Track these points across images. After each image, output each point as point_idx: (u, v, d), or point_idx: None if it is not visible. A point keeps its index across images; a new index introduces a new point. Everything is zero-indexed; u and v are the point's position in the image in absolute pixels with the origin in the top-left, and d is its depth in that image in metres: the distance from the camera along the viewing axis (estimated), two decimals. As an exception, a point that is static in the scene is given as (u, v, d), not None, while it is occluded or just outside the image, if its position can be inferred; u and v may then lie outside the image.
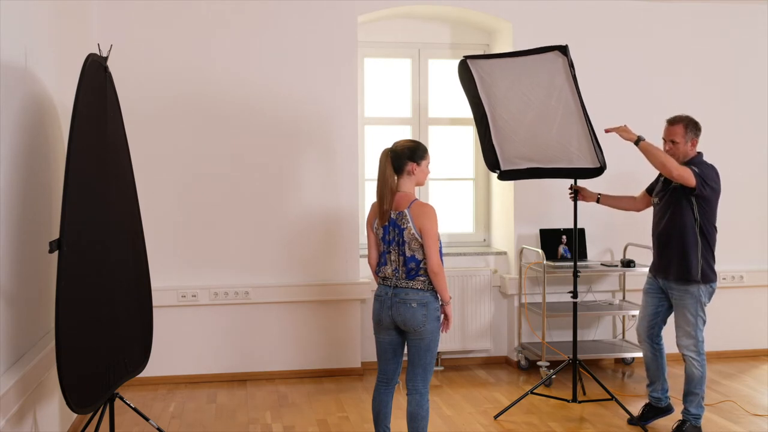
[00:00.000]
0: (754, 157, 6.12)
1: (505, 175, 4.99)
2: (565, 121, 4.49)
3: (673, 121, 4.36)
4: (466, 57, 4.72)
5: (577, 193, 4.78)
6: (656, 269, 4.50)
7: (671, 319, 4.52)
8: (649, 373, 4.63)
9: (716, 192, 4.30)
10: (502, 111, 4.72)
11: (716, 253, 4.37)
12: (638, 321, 4.63)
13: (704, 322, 4.35)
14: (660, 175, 4.54)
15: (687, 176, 4.17)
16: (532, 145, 4.71)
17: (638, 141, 4.24)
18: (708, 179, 4.23)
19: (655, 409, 4.61)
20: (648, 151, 4.22)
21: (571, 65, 4.27)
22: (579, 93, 4.34)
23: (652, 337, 4.55)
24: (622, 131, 4.32)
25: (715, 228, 4.35)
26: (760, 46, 6.11)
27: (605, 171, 4.54)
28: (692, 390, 4.37)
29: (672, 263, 4.35)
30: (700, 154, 4.38)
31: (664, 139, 4.38)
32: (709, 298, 4.36)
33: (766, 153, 6.14)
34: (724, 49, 6.07)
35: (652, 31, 5.95)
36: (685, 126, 4.30)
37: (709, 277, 4.30)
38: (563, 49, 4.28)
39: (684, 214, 4.28)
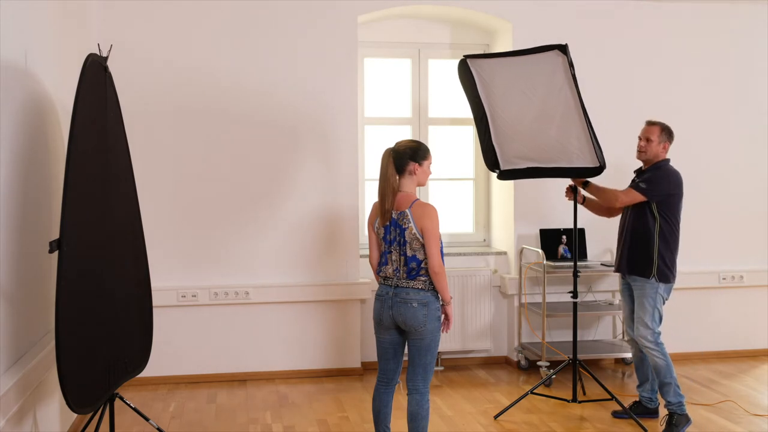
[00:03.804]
0: (754, 157, 6.12)
1: (504, 175, 4.98)
2: (564, 121, 4.49)
3: (651, 123, 4.63)
4: (466, 56, 4.72)
5: (576, 191, 4.79)
6: (618, 265, 4.68)
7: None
8: (638, 373, 4.76)
9: (674, 196, 4.50)
10: (501, 110, 4.72)
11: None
12: (624, 322, 4.71)
13: (661, 316, 4.49)
14: (633, 179, 4.69)
15: (634, 197, 4.50)
16: (532, 144, 4.71)
17: (586, 185, 4.66)
18: (659, 188, 4.45)
19: (644, 408, 4.70)
20: (595, 191, 4.61)
21: (571, 64, 4.27)
22: (579, 92, 4.34)
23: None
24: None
25: (678, 228, 4.51)
26: (761, 46, 6.10)
27: (605, 170, 4.55)
28: (663, 380, 4.47)
29: (631, 259, 4.55)
30: (667, 160, 4.57)
31: (640, 137, 4.60)
32: (668, 295, 4.53)
33: (766, 153, 6.14)
34: (724, 49, 6.07)
35: (652, 31, 5.95)
36: (661, 129, 4.57)
37: (666, 276, 4.47)
38: (563, 49, 4.28)
39: (644, 214, 4.51)
